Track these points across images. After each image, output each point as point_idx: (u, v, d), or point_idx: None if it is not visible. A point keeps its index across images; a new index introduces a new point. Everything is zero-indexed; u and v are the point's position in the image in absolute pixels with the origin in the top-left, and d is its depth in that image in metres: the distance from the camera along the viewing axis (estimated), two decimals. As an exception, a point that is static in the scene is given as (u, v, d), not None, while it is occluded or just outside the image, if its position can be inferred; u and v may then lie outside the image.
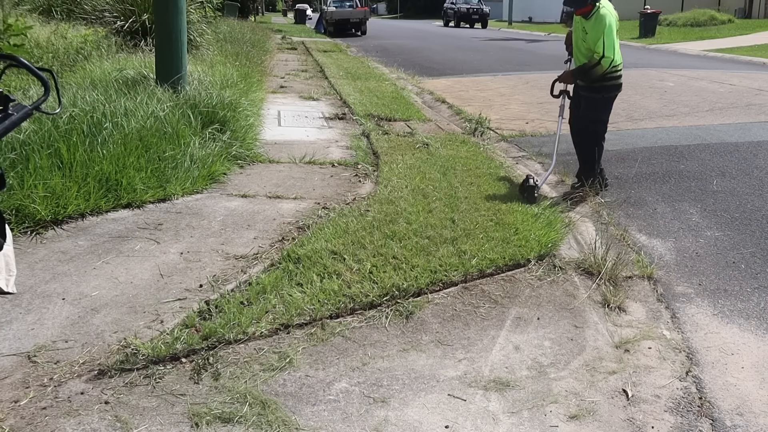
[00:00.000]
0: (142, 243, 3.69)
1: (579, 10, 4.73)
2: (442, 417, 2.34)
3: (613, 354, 2.81)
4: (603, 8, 4.64)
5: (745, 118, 8.04)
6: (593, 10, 4.65)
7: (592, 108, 4.94)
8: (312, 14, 47.09)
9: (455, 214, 4.20)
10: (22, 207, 3.76)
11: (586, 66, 4.73)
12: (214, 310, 2.92)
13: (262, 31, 19.91)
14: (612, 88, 4.88)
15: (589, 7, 4.66)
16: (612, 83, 4.83)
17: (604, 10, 4.62)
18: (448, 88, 11.15)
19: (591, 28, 4.65)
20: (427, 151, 6.01)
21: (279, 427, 2.23)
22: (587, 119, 4.99)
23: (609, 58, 4.59)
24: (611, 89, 4.89)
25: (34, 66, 2.05)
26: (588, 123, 5.00)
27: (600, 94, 4.89)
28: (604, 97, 4.91)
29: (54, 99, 3.83)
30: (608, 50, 4.57)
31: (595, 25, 4.61)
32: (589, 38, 4.66)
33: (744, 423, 2.41)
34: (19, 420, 2.21)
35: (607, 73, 4.71)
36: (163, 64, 6.15)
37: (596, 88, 4.84)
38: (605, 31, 4.56)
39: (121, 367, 2.50)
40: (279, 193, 4.70)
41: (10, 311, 2.88)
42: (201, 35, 10.36)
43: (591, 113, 4.96)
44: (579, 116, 5.08)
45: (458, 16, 39.04)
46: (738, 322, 3.17)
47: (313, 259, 3.42)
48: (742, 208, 4.78)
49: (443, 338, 2.88)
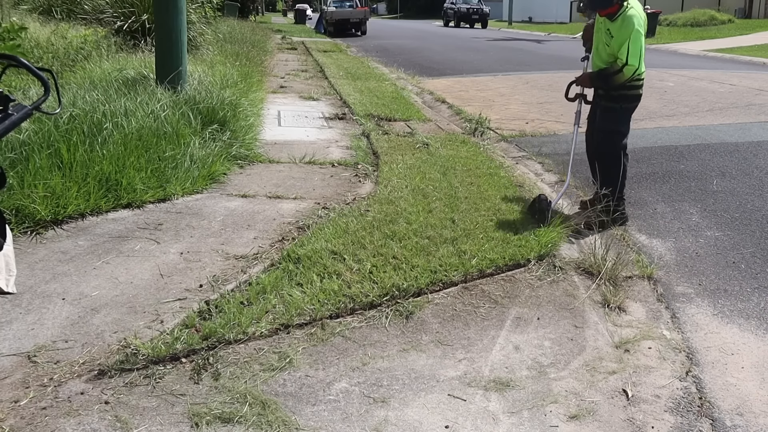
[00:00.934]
0: (142, 243, 3.69)
1: (603, 10, 4.13)
2: (442, 417, 2.34)
3: (613, 354, 2.81)
4: (631, 8, 4.03)
5: (745, 118, 8.04)
6: (620, 10, 4.04)
7: (609, 119, 4.34)
8: (312, 14, 47.11)
9: (455, 214, 4.20)
10: (22, 207, 3.76)
11: (607, 72, 4.17)
12: (214, 310, 2.92)
13: (262, 31, 19.91)
14: (631, 99, 4.30)
15: (615, 7, 4.05)
16: (632, 93, 4.26)
17: (633, 11, 4.01)
18: (448, 88, 11.15)
19: (617, 31, 4.04)
20: (427, 151, 6.01)
21: (279, 427, 2.23)
22: (602, 131, 4.38)
23: (632, 67, 4.01)
24: (631, 100, 4.30)
25: (34, 66, 2.05)
26: (604, 135, 4.38)
27: (618, 104, 4.30)
28: (623, 108, 4.32)
29: (54, 99, 3.83)
30: (633, 58, 3.99)
31: (622, 28, 4.01)
32: (614, 42, 4.06)
33: (744, 423, 2.41)
34: (19, 420, 2.21)
35: (628, 82, 4.13)
36: (163, 64, 6.15)
37: (615, 97, 4.28)
38: (632, 36, 3.96)
39: (121, 367, 2.50)
40: (279, 193, 4.70)
41: (10, 311, 2.88)
42: (201, 35, 10.37)
43: (606, 124, 4.35)
44: (595, 129, 4.48)
45: (458, 16, 39.06)
46: (738, 322, 3.17)
47: (313, 259, 3.42)
48: (742, 208, 4.78)
49: (443, 338, 2.88)
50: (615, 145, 4.34)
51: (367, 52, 18.40)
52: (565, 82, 4.63)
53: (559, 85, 4.41)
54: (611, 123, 4.34)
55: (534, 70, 13.95)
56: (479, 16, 38.36)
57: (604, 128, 4.37)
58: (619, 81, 4.11)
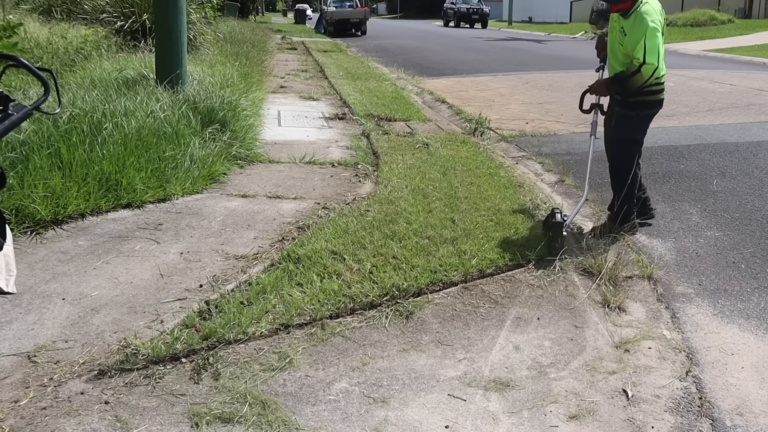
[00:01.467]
0: (142, 243, 3.69)
1: (615, 6, 3.86)
2: (442, 417, 2.34)
3: (613, 354, 2.81)
4: (646, 4, 3.76)
5: (745, 118, 8.04)
6: (634, 5, 3.77)
7: (624, 126, 4.03)
8: (312, 14, 47.13)
9: (455, 214, 4.20)
10: (22, 207, 3.76)
11: (624, 75, 3.81)
12: (214, 310, 2.92)
13: (262, 31, 19.91)
14: (651, 105, 3.98)
15: (629, 2, 3.78)
16: (652, 99, 3.94)
17: (647, 7, 3.74)
18: (448, 88, 11.15)
19: (630, 28, 3.75)
20: (427, 151, 6.01)
21: (279, 427, 2.23)
22: (616, 139, 4.10)
23: (651, 65, 3.66)
24: (650, 106, 3.99)
25: (34, 66, 2.05)
26: (617, 143, 4.10)
27: (635, 111, 3.97)
28: (640, 115, 4.00)
29: (54, 99, 3.83)
30: (650, 56, 3.65)
31: (635, 25, 3.71)
32: (627, 41, 3.77)
33: (744, 423, 2.41)
34: (19, 420, 2.21)
35: (647, 86, 3.79)
36: (163, 64, 6.15)
37: (631, 103, 3.95)
38: (647, 33, 3.66)
39: (121, 367, 2.50)
40: (279, 193, 4.70)
41: (10, 311, 2.88)
42: (201, 35, 10.37)
43: (622, 131, 4.05)
44: (611, 138, 4.19)
45: (458, 16, 39.08)
46: (738, 322, 3.17)
47: (313, 259, 3.42)
48: (742, 208, 4.78)
49: (443, 338, 2.88)
50: (629, 155, 4.04)
51: (367, 52, 18.40)
52: (566, 82, 4.54)
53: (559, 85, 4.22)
54: (626, 131, 4.03)
55: (534, 70, 13.95)
56: (479, 16, 38.38)
57: (617, 135, 4.08)
58: (638, 83, 3.76)
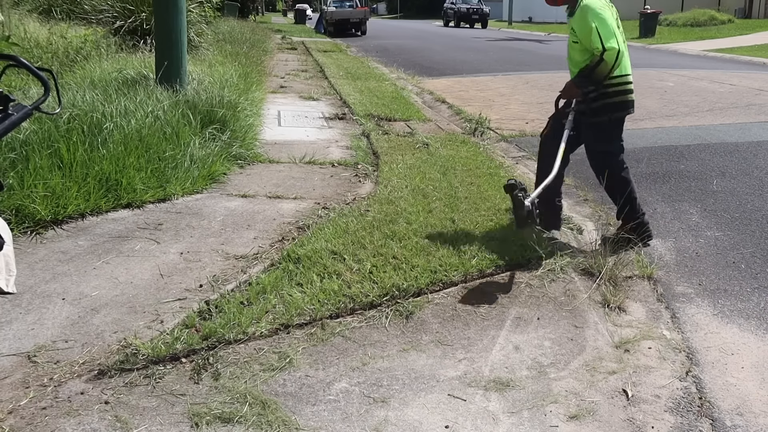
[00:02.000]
0: (142, 243, 3.69)
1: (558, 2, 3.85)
2: (442, 417, 2.34)
3: (613, 354, 2.81)
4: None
5: (745, 118, 8.04)
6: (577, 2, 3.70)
7: (600, 138, 3.87)
8: (312, 14, 47.14)
9: (455, 214, 4.20)
10: (22, 207, 3.76)
11: (587, 67, 3.65)
12: (214, 310, 2.92)
13: (262, 31, 19.91)
14: (619, 107, 3.79)
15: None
16: (619, 100, 3.76)
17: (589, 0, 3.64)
18: (448, 88, 11.15)
19: (578, 23, 3.65)
20: (427, 151, 6.01)
21: (279, 427, 2.23)
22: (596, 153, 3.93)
23: (613, 49, 3.49)
24: (618, 108, 3.79)
25: (34, 66, 2.05)
26: (600, 157, 3.91)
27: (606, 116, 3.78)
28: (611, 120, 3.81)
29: (54, 99, 3.83)
30: (607, 40, 3.49)
31: (582, 18, 3.60)
32: (580, 36, 3.64)
33: (744, 423, 2.41)
34: (19, 420, 2.21)
35: (613, 80, 3.67)
36: (162, 64, 6.15)
37: (599, 108, 3.77)
38: (596, 20, 3.52)
39: (121, 367, 2.50)
40: (279, 193, 4.70)
41: (10, 311, 2.88)
42: (201, 35, 10.37)
43: (600, 145, 3.88)
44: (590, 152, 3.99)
45: (458, 16, 39.08)
46: (738, 322, 3.17)
47: (313, 259, 3.42)
48: (742, 208, 4.78)
49: (443, 338, 2.88)
50: (615, 164, 3.87)
51: (367, 52, 18.39)
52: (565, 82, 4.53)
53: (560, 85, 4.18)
54: (603, 143, 3.87)
55: (534, 70, 13.95)
56: (479, 16, 38.38)
57: (597, 149, 3.91)
58: (605, 72, 3.58)
